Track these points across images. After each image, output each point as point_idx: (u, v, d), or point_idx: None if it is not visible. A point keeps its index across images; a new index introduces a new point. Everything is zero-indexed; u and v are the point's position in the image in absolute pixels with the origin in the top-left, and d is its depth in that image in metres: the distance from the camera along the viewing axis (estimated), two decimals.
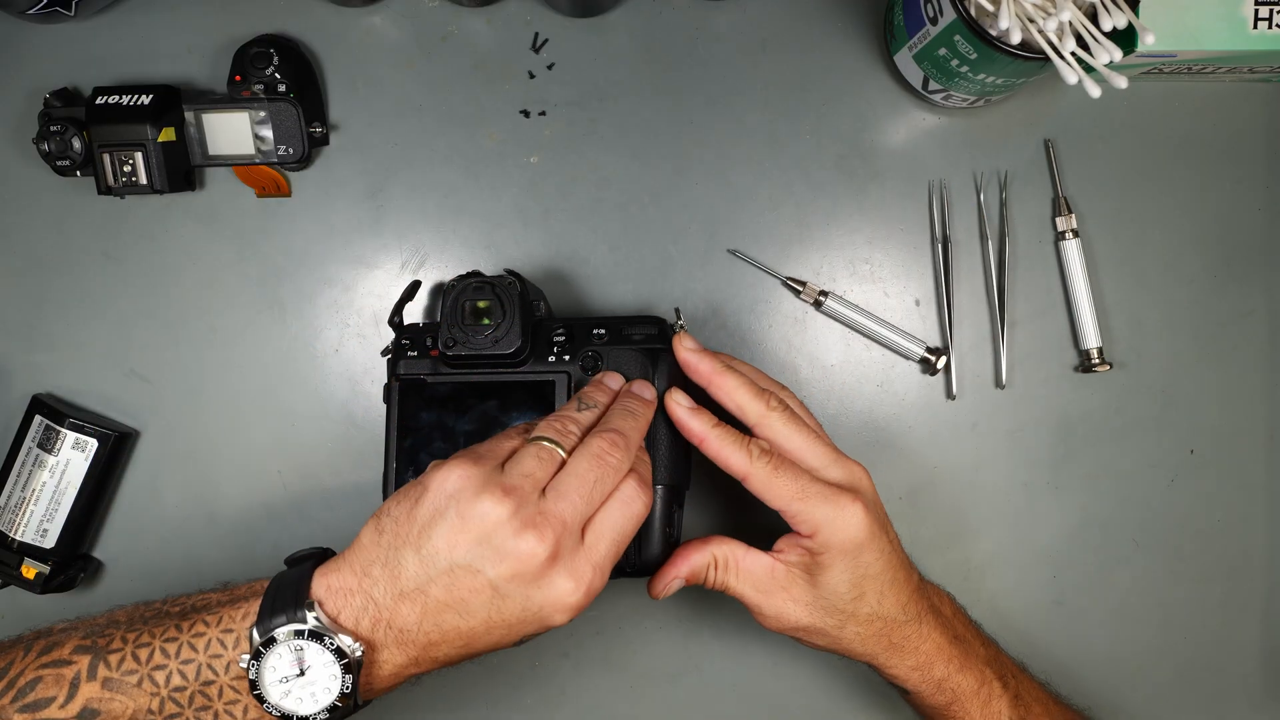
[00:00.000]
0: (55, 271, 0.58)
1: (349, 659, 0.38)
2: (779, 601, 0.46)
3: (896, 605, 0.46)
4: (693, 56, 0.57)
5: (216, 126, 0.54)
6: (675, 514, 0.48)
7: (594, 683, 0.58)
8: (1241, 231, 0.58)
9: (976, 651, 0.48)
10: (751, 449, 0.45)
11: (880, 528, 0.46)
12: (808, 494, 0.44)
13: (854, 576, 0.45)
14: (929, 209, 0.57)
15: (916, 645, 0.47)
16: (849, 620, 0.46)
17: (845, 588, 0.45)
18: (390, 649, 0.39)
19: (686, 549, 0.47)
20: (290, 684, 0.38)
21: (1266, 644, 0.58)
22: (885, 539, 0.46)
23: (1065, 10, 0.44)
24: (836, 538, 0.44)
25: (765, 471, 0.45)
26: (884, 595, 0.46)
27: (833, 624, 0.46)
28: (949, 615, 0.49)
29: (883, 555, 0.45)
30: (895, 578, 0.46)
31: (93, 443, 0.55)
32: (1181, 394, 0.58)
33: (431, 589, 0.38)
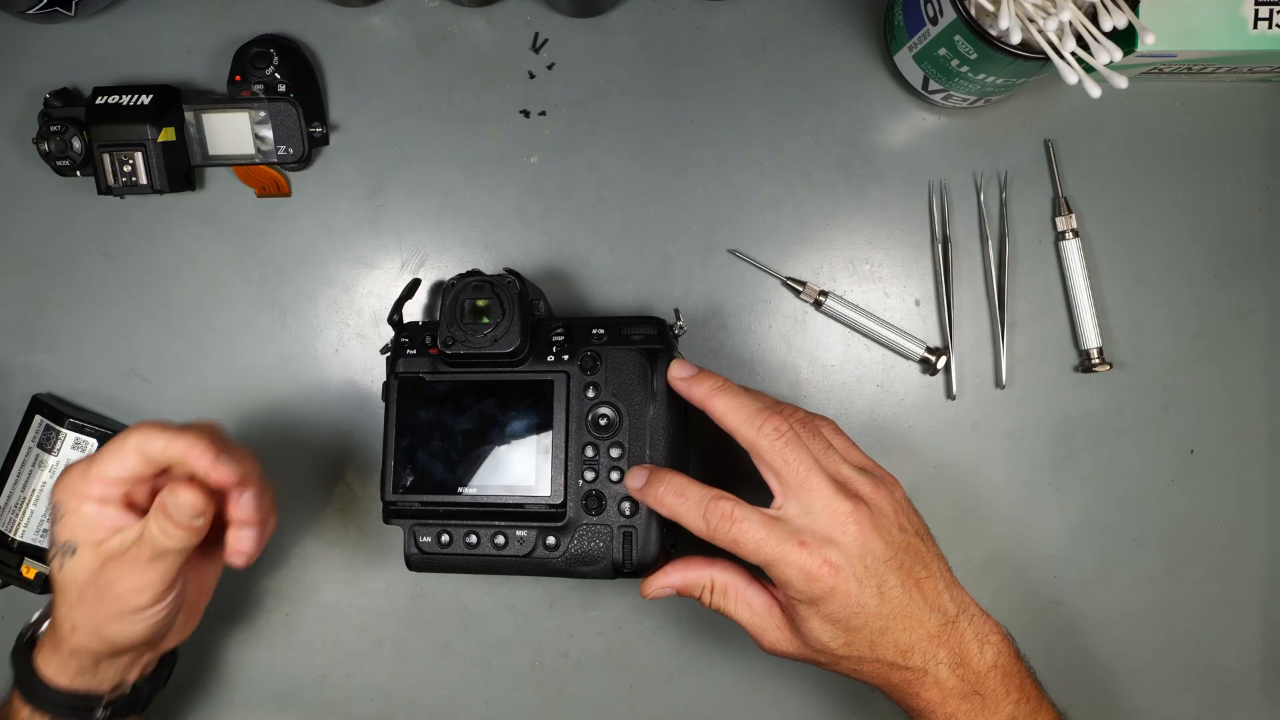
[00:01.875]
0: (55, 271, 0.58)
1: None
2: (773, 637, 0.46)
3: (896, 652, 0.43)
4: (693, 56, 0.57)
5: (216, 126, 0.54)
6: None
7: (594, 683, 0.58)
8: (1241, 231, 0.58)
9: (998, 709, 0.44)
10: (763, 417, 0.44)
11: (866, 574, 0.43)
12: (779, 541, 0.43)
13: (833, 628, 0.43)
14: (929, 209, 0.57)
15: (918, 691, 0.44)
16: (841, 661, 0.45)
17: (828, 637, 0.43)
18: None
19: (687, 563, 0.47)
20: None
21: (1266, 644, 0.58)
22: (874, 588, 0.43)
23: (1065, 10, 0.44)
24: (803, 592, 0.43)
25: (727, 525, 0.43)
26: (876, 644, 0.43)
27: (826, 662, 0.45)
28: (979, 665, 0.44)
29: (866, 607, 0.43)
30: (889, 626, 0.43)
31: (93, 443, 0.55)
32: (1181, 394, 0.58)
33: None
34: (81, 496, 0.43)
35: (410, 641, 0.58)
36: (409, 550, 0.49)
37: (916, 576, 0.44)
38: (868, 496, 0.44)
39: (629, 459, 0.47)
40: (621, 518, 0.47)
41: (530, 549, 0.48)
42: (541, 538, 0.47)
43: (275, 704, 0.58)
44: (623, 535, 0.47)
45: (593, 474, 0.47)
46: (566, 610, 0.58)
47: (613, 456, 0.47)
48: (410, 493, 0.49)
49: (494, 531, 0.48)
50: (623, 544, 0.47)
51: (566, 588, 0.58)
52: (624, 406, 0.48)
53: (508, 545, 0.48)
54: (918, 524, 0.46)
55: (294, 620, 0.58)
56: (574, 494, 0.48)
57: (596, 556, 0.47)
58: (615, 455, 0.47)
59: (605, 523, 0.47)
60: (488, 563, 0.48)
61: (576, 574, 0.47)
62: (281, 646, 0.58)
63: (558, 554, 0.47)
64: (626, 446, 0.47)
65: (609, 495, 0.47)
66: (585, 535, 0.47)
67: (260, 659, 0.58)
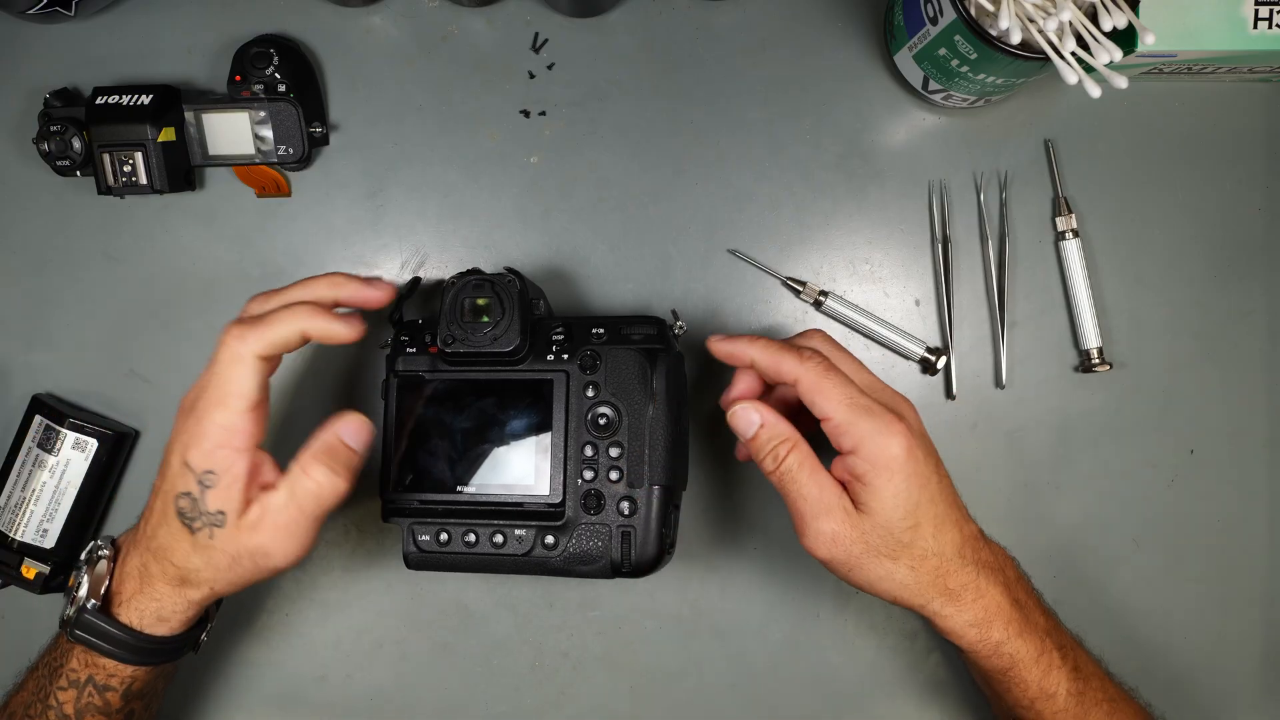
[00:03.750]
0: (55, 271, 0.58)
1: (91, 554, 0.46)
2: (832, 522, 0.44)
3: (953, 546, 0.44)
4: (693, 56, 0.57)
5: (216, 126, 0.54)
6: (671, 515, 0.48)
7: (594, 683, 0.58)
8: (1241, 231, 0.58)
9: (1036, 620, 0.46)
10: (802, 352, 0.44)
11: (926, 455, 0.44)
12: (855, 404, 0.43)
13: (905, 501, 0.43)
14: (929, 209, 0.57)
15: (974, 598, 0.45)
16: (903, 552, 0.43)
17: (899, 512, 0.43)
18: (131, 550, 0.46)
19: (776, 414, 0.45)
20: (70, 603, 0.46)
21: (1266, 644, 0.58)
22: (932, 469, 0.44)
23: (1065, 10, 0.44)
24: (880, 454, 0.43)
25: (816, 373, 0.44)
26: (940, 530, 0.44)
27: (886, 554, 0.43)
28: (1011, 578, 0.47)
29: (930, 485, 0.44)
30: (950, 516, 0.44)
31: (93, 443, 0.55)
32: (1181, 394, 0.58)
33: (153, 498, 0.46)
34: (235, 450, 0.43)
35: (410, 641, 0.58)
36: (407, 549, 0.49)
37: (951, 483, 0.46)
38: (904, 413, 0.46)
39: (628, 459, 0.47)
40: (620, 517, 0.47)
41: (529, 548, 0.48)
42: (540, 537, 0.47)
43: (275, 704, 0.58)
44: (621, 535, 0.47)
45: (591, 473, 0.47)
46: (566, 610, 0.58)
47: (612, 456, 0.47)
48: (409, 491, 0.49)
49: (493, 530, 0.48)
50: (621, 544, 0.47)
51: (566, 588, 0.58)
52: (623, 406, 0.48)
53: (506, 544, 0.48)
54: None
55: (294, 620, 0.58)
56: (573, 493, 0.48)
57: (595, 556, 0.47)
58: (614, 455, 0.47)
59: (604, 522, 0.47)
60: (486, 562, 0.48)
61: (575, 573, 0.47)
62: (281, 646, 0.58)
63: (556, 553, 0.47)
64: (626, 446, 0.47)
65: (608, 495, 0.47)
66: (584, 535, 0.47)
67: (260, 659, 0.58)
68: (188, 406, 0.45)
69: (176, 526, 0.44)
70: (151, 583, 0.45)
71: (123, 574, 0.46)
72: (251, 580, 0.45)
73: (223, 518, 0.44)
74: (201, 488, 0.43)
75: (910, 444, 0.43)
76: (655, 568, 0.48)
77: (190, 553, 0.44)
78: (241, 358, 0.43)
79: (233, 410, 0.43)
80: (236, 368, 0.43)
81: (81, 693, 0.45)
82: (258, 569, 0.45)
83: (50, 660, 0.47)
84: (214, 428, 0.43)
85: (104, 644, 0.45)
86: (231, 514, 0.44)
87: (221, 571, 0.44)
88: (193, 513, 0.44)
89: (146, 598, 0.45)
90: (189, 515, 0.44)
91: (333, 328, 0.45)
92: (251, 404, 0.44)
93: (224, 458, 0.43)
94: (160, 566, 0.45)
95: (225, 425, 0.43)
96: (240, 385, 0.43)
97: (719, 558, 0.58)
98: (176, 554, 0.44)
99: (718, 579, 0.58)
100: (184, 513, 0.44)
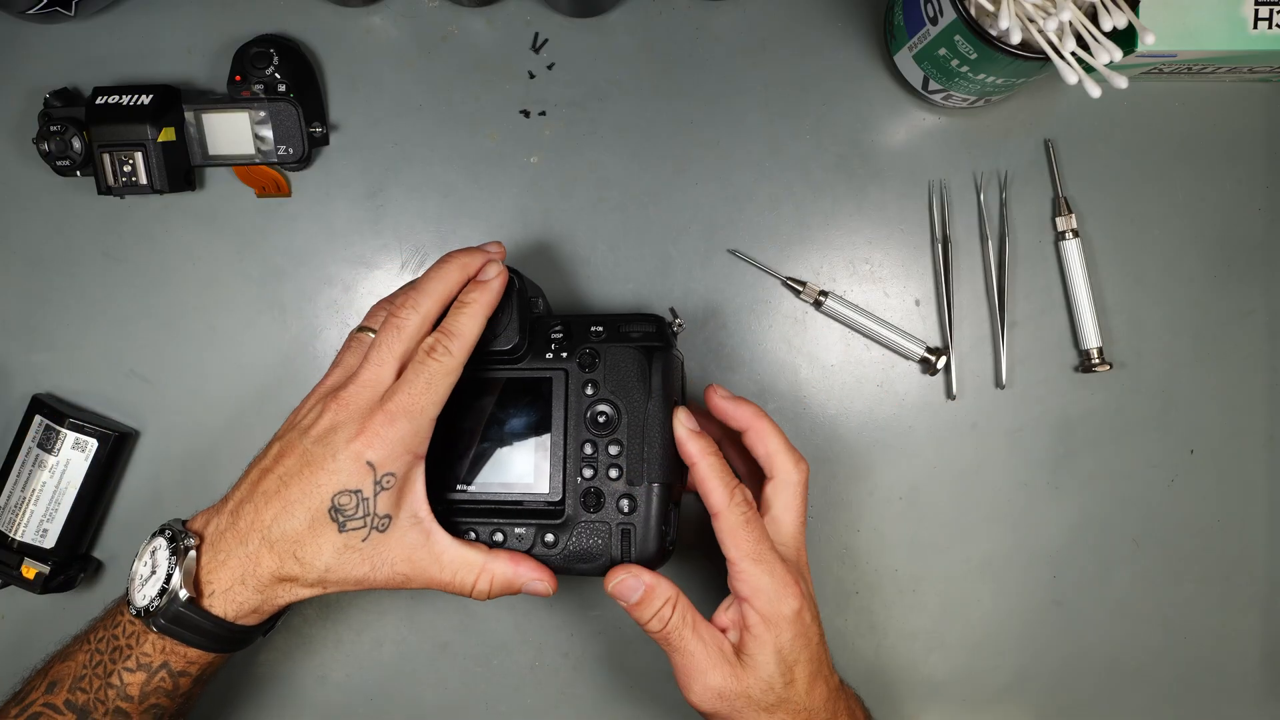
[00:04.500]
0: (55, 271, 0.58)
1: (177, 543, 0.43)
2: (715, 676, 0.45)
3: (821, 699, 0.46)
4: (693, 56, 0.57)
5: (216, 126, 0.54)
6: (672, 513, 0.48)
7: (594, 683, 0.58)
8: (1241, 231, 0.58)
9: None
10: (735, 492, 0.46)
11: (813, 616, 0.46)
12: (763, 557, 0.45)
13: (787, 657, 0.45)
14: (929, 209, 0.57)
15: None
16: (780, 707, 0.45)
17: (780, 667, 0.45)
18: (226, 542, 0.44)
19: (657, 575, 0.46)
20: (145, 584, 0.44)
21: (1266, 644, 0.58)
22: (816, 628, 0.46)
23: (1065, 10, 0.44)
24: (771, 608, 0.45)
25: (737, 518, 0.45)
26: (813, 685, 0.46)
27: (764, 708, 0.45)
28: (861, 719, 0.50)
29: (810, 646, 0.46)
30: (820, 671, 0.46)
31: (93, 443, 0.55)
32: (1181, 394, 0.58)
33: (263, 480, 0.44)
34: (416, 457, 0.43)
35: (410, 641, 0.58)
36: None
37: (824, 639, 0.48)
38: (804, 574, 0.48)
39: (627, 456, 0.47)
40: (620, 515, 0.47)
41: (529, 546, 0.47)
42: (540, 535, 0.47)
43: (275, 704, 0.58)
44: (621, 533, 0.47)
45: (591, 471, 0.47)
46: (566, 610, 0.58)
47: (611, 454, 0.47)
48: None
49: (492, 529, 0.48)
50: (621, 541, 0.47)
51: (566, 587, 0.58)
52: (623, 404, 0.48)
53: (506, 542, 0.48)
54: None
55: (294, 620, 0.58)
56: (572, 491, 0.48)
57: (595, 554, 0.47)
58: (614, 453, 0.47)
59: (604, 520, 0.47)
60: None
61: (575, 571, 0.47)
62: (282, 647, 0.58)
63: (556, 551, 0.47)
64: (625, 444, 0.47)
65: (608, 493, 0.47)
66: (584, 533, 0.47)
67: (260, 659, 0.58)
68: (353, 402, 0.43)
69: (321, 521, 0.42)
70: (258, 575, 0.43)
71: (215, 563, 0.43)
72: (365, 588, 0.44)
73: (387, 522, 0.43)
74: (377, 489, 0.42)
75: (802, 606, 0.45)
76: (656, 565, 0.48)
77: (324, 549, 0.43)
78: (454, 371, 0.44)
79: (427, 419, 0.43)
80: (449, 379, 0.44)
81: (153, 676, 0.44)
82: (384, 581, 0.44)
83: (112, 638, 0.45)
84: (406, 432, 0.43)
85: (190, 634, 0.43)
86: (401, 518, 0.43)
87: (349, 573, 0.43)
88: (354, 512, 0.42)
89: (248, 590, 0.43)
90: (348, 513, 0.42)
91: (496, 296, 0.46)
92: (438, 413, 0.44)
93: (406, 464, 0.43)
94: (277, 560, 0.43)
95: (417, 431, 0.43)
96: (443, 396, 0.44)
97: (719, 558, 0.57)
98: (306, 549, 0.43)
99: (717, 579, 0.57)
100: (342, 509, 0.42)
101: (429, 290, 0.45)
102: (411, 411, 0.43)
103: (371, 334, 0.46)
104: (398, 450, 0.43)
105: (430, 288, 0.46)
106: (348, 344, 0.47)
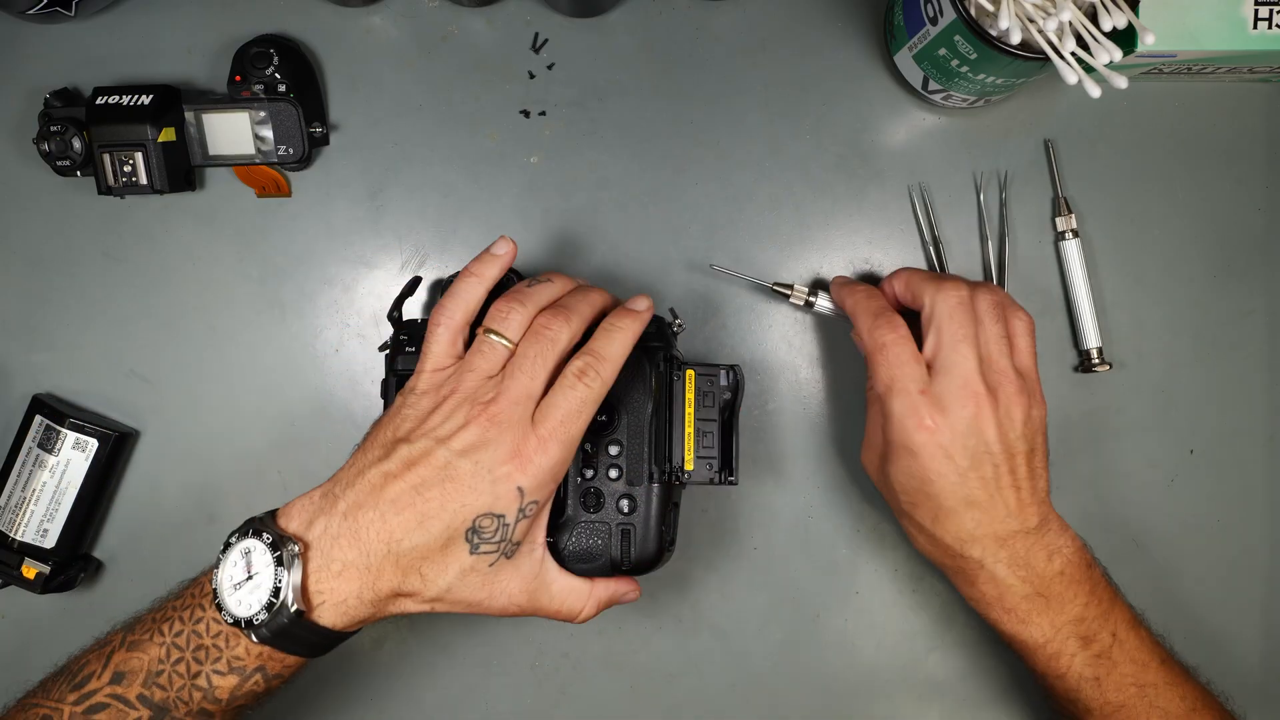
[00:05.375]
0: (55, 271, 0.58)
1: (282, 552, 0.40)
2: (870, 452, 0.50)
3: (953, 537, 0.47)
4: (693, 56, 0.57)
5: (216, 126, 0.54)
6: (671, 513, 0.48)
7: (594, 683, 0.58)
8: (1241, 231, 0.58)
9: (1063, 609, 0.48)
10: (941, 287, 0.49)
11: (950, 454, 0.46)
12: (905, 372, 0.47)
13: (908, 480, 0.47)
14: (913, 213, 0.57)
15: (974, 581, 0.48)
16: (903, 516, 0.49)
17: (899, 485, 0.48)
18: (343, 549, 0.40)
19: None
20: (240, 589, 0.40)
21: (1266, 644, 0.58)
22: (955, 467, 0.46)
23: (1065, 10, 0.44)
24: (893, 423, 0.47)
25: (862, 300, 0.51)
26: (937, 520, 0.47)
27: (894, 505, 0.49)
28: (1044, 571, 0.47)
29: (942, 479, 0.46)
30: (958, 510, 0.46)
31: (93, 443, 0.55)
32: (1181, 394, 0.58)
33: (389, 486, 0.41)
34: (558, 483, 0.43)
35: (410, 641, 0.58)
36: None
37: (1012, 483, 0.47)
38: (1006, 395, 0.46)
39: (627, 457, 0.47)
40: (620, 515, 0.47)
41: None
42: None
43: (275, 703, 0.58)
44: (621, 533, 0.47)
45: (591, 471, 0.48)
46: None
47: (611, 454, 0.47)
48: None
49: None
50: (621, 541, 0.47)
51: None
52: (622, 404, 0.48)
53: None
54: (1041, 446, 0.48)
55: None
56: (573, 491, 0.48)
57: (595, 554, 0.47)
58: (614, 453, 0.47)
59: (604, 520, 0.47)
60: None
61: (575, 571, 0.47)
62: None
63: (556, 551, 0.47)
64: (625, 444, 0.47)
65: (607, 493, 0.47)
66: (584, 533, 0.47)
67: None
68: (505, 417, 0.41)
69: (456, 540, 0.40)
70: (377, 589, 0.41)
71: (327, 573, 0.40)
72: (473, 612, 0.43)
73: (515, 549, 0.42)
74: (520, 515, 0.41)
75: (924, 441, 0.46)
76: (655, 565, 0.48)
77: (450, 569, 0.41)
78: (600, 398, 0.43)
79: (574, 447, 0.42)
80: (594, 406, 0.43)
81: (246, 680, 0.42)
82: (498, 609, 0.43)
83: (194, 634, 0.42)
84: (557, 461, 0.41)
85: (294, 645, 0.41)
86: (525, 546, 0.43)
87: (466, 595, 0.42)
88: (492, 535, 0.41)
89: (363, 604, 0.41)
90: (486, 535, 0.41)
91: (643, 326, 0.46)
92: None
93: (549, 492, 0.42)
94: (400, 575, 0.40)
95: (565, 460, 0.42)
96: (588, 423, 0.43)
97: (719, 558, 0.58)
98: (434, 565, 0.41)
99: (718, 579, 0.58)
100: (480, 531, 0.40)
101: (580, 311, 0.44)
102: (564, 440, 0.41)
103: (503, 341, 0.43)
104: (545, 478, 0.41)
105: (580, 308, 0.44)
106: (480, 347, 0.44)
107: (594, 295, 0.46)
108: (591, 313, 0.45)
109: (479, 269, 0.46)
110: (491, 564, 0.42)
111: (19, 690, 0.46)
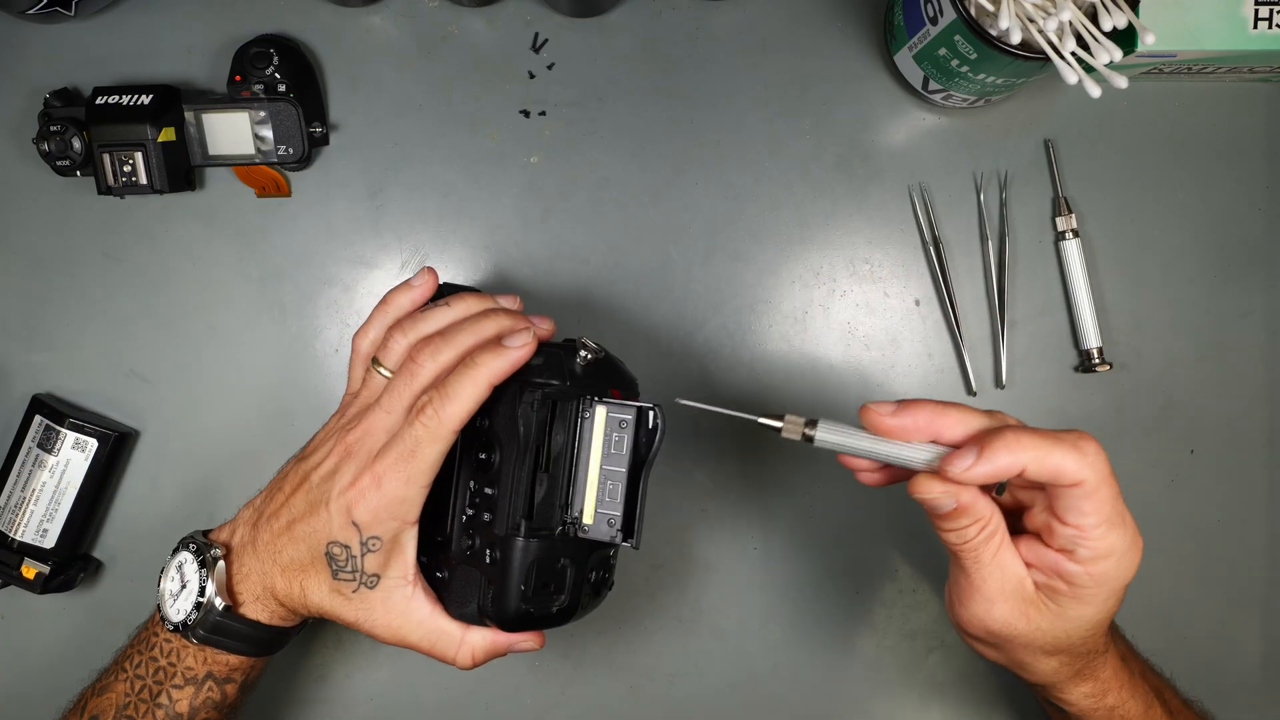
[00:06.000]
0: (55, 271, 0.58)
1: (205, 556, 0.44)
2: (1004, 610, 0.40)
3: (1099, 640, 0.42)
4: (693, 56, 0.57)
5: (216, 126, 0.54)
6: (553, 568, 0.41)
7: (594, 683, 0.58)
8: (1241, 231, 0.58)
9: (1134, 668, 0.46)
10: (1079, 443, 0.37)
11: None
12: (1122, 520, 0.38)
13: (1102, 620, 0.40)
14: (913, 213, 0.57)
15: (1098, 672, 0.44)
16: (1061, 653, 0.41)
17: (1085, 629, 0.40)
18: (248, 556, 0.44)
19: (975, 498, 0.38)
20: (177, 599, 0.44)
21: (1266, 644, 0.58)
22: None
23: (1065, 10, 0.44)
24: (1113, 577, 0.38)
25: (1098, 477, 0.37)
26: (1099, 626, 0.41)
27: (1046, 650, 0.41)
28: (1117, 636, 0.46)
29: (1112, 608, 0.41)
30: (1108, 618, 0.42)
31: (93, 443, 0.55)
32: (1181, 394, 0.58)
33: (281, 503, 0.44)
34: (404, 522, 0.42)
35: None
36: None
37: None
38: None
39: (500, 502, 0.42)
40: (490, 564, 0.42)
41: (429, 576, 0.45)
42: (434, 568, 0.45)
43: (275, 703, 0.58)
44: (486, 582, 0.42)
45: (473, 511, 0.43)
46: None
47: (487, 495, 0.42)
48: None
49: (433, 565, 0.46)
50: (487, 591, 0.42)
51: None
52: (502, 445, 0.42)
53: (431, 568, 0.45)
54: None
55: None
56: (457, 529, 0.44)
57: (468, 599, 0.43)
58: (490, 494, 0.42)
59: (478, 565, 0.42)
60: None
61: (456, 615, 0.44)
62: None
63: (444, 589, 0.44)
64: (499, 488, 0.42)
65: (482, 538, 0.42)
66: (460, 575, 0.44)
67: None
68: (356, 449, 0.42)
69: (320, 562, 0.42)
70: (275, 591, 0.44)
71: (240, 576, 0.44)
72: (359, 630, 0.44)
73: (376, 580, 0.42)
74: (364, 549, 0.42)
75: (1132, 575, 0.39)
76: (525, 625, 0.42)
77: (322, 587, 0.43)
78: (443, 438, 0.40)
79: (417, 486, 0.41)
80: (436, 446, 0.40)
81: (200, 689, 0.44)
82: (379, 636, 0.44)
83: (151, 660, 0.45)
84: (393, 499, 0.41)
85: (231, 641, 0.44)
86: (387, 580, 0.43)
87: (341, 614, 0.43)
88: (346, 565, 0.42)
89: (274, 601, 0.44)
90: (339, 563, 0.42)
91: (511, 366, 0.40)
92: (433, 478, 0.41)
93: (393, 529, 0.42)
94: (286, 583, 0.43)
95: (405, 499, 0.41)
96: (433, 463, 0.41)
97: (719, 558, 0.58)
98: (309, 580, 0.43)
99: (717, 579, 0.58)
100: (334, 558, 0.42)
101: (457, 341, 0.42)
102: (400, 478, 0.40)
103: (383, 372, 0.44)
104: (381, 515, 0.41)
105: (459, 339, 0.42)
106: (366, 378, 0.45)
107: (486, 323, 0.42)
108: (474, 342, 0.42)
109: (393, 298, 0.46)
110: (354, 590, 0.43)
111: (19, 690, 0.46)
